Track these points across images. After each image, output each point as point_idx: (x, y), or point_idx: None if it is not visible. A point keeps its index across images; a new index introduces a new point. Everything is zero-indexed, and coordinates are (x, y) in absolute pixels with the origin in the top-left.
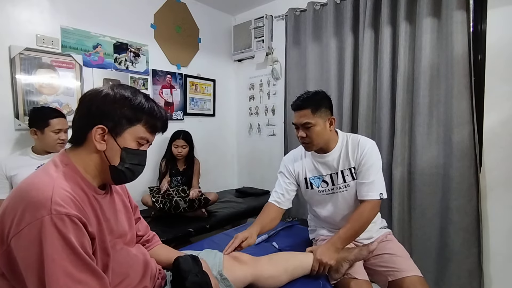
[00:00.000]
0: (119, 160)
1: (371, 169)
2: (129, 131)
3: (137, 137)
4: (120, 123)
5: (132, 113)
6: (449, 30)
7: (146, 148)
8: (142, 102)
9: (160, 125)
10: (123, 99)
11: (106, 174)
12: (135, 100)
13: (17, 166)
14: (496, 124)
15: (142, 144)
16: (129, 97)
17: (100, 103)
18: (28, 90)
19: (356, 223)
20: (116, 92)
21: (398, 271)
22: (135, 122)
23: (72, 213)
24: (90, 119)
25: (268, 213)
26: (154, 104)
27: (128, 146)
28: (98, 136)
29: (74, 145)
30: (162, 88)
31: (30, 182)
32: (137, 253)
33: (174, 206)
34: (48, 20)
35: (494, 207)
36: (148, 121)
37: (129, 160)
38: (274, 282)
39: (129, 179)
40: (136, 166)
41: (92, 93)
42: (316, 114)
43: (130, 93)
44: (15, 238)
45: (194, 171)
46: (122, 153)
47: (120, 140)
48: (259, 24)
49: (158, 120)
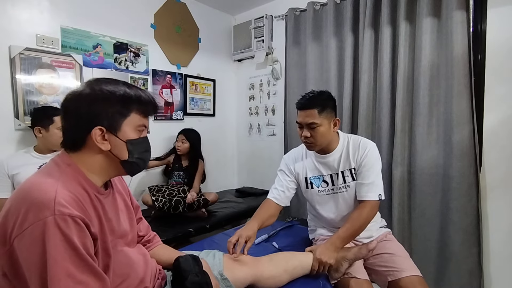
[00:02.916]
0: (127, 154)
1: (371, 170)
2: (125, 122)
3: (135, 125)
4: (114, 119)
5: (121, 105)
6: (449, 30)
7: (145, 134)
8: (127, 91)
9: (151, 108)
10: (107, 95)
11: (117, 170)
12: (119, 92)
13: (19, 165)
14: (496, 124)
15: (141, 131)
16: (112, 91)
17: (86, 105)
18: (28, 90)
19: (355, 222)
20: (98, 90)
21: (397, 271)
22: (127, 113)
23: (75, 214)
24: (83, 124)
25: (267, 209)
26: (138, 90)
27: (130, 137)
28: (99, 138)
29: (72, 150)
30: (162, 88)
31: (33, 182)
32: (138, 254)
33: (173, 206)
34: (48, 20)
35: (494, 207)
36: (139, 108)
37: (136, 150)
38: (274, 282)
39: (142, 168)
40: (145, 154)
41: (73, 97)
42: (322, 115)
43: (111, 86)
44: (18, 238)
45: (197, 172)
46: (128, 146)
47: (121, 134)
48: (259, 24)
49: (147, 104)
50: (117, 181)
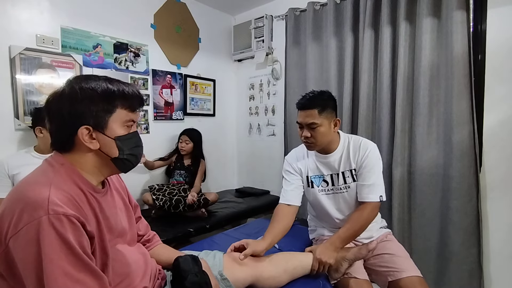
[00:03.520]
0: (117, 151)
1: (371, 171)
2: (112, 119)
3: (122, 121)
4: (99, 116)
5: (105, 102)
6: (449, 30)
7: (135, 128)
8: (109, 87)
9: (136, 102)
10: (89, 93)
11: (109, 168)
12: (100, 88)
13: (19, 164)
14: (496, 124)
15: (129, 126)
16: (94, 88)
17: (68, 105)
18: (28, 90)
19: (355, 223)
20: (78, 88)
21: (397, 271)
22: (112, 109)
23: (69, 212)
24: (68, 125)
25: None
26: (121, 84)
27: (119, 133)
28: (86, 137)
29: (62, 151)
30: (162, 88)
31: (27, 182)
32: (137, 253)
33: (174, 205)
34: (48, 20)
35: (494, 207)
36: (124, 103)
37: (126, 146)
38: (274, 282)
39: (134, 163)
40: (136, 149)
41: (54, 98)
42: (322, 115)
43: (92, 83)
44: (13, 239)
45: (199, 171)
46: (116, 143)
47: (108, 131)
48: (259, 24)
49: (132, 98)
50: (115, 180)
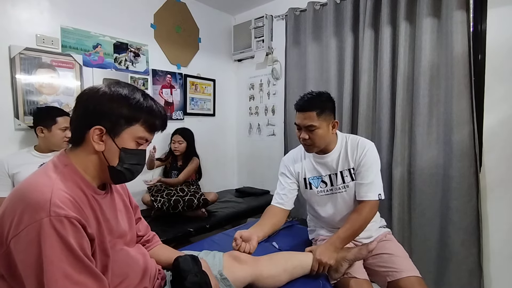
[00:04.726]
0: (118, 161)
1: (370, 170)
2: (127, 131)
3: (136, 137)
4: (118, 123)
5: (130, 112)
6: (449, 30)
7: (145, 147)
8: (141, 100)
9: (159, 123)
10: (120, 98)
11: (106, 174)
12: (133, 99)
13: (20, 164)
14: (496, 124)
15: (141, 143)
16: (126, 95)
17: (97, 102)
18: (28, 90)
19: (355, 223)
20: (114, 91)
21: (397, 271)
22: (133, 121)
23: (71, 215)
24: (87, 119)
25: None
26: (153, 102)
27: (127, 146)
28: (96, 137)
29: (73, 146)
30: (162, 88)
31: (29, 183)
32: (137, 254)
33: (172, 206)
34: (48, 20)
35: (494, 207)
36: (147, 120)
37: (128, 161)
38: (273, 282)
39: (128, 179)
40: (135, 166)
41: (89, 92)
42: (320, 117)
43: (127, 91)
44: (14, 240)
45: (188, 166)
46: (121, 153)
47: (119, 140)
48: (259, 24)
49: (157, 118)
50: None
